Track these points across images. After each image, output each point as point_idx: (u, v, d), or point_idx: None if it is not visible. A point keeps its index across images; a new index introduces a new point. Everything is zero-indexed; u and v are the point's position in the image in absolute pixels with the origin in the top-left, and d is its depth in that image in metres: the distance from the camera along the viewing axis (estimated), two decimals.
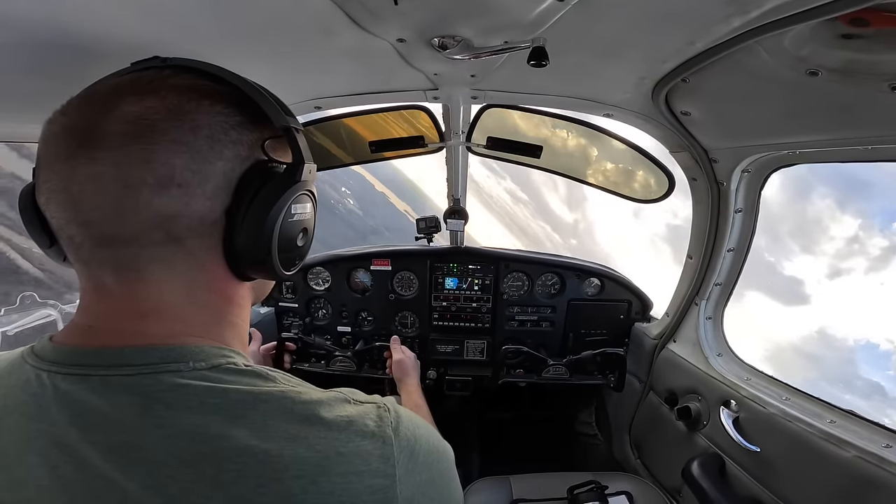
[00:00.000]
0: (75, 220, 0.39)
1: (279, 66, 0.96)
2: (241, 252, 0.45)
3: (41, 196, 0.41)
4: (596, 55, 0.91)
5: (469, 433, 2.31)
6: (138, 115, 0.39)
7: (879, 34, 0.64)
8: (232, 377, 0.40)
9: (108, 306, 0.42)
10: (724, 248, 1.37)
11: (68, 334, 0.43)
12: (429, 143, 1.48)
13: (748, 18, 0.66)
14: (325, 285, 1.97)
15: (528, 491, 1.40)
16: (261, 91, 0.47)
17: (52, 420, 0.37)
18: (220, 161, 0.42)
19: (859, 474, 0.89)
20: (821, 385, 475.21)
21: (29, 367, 0.40)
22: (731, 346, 1.47)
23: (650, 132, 1.30)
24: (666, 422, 1.54)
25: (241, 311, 0.50)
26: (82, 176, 0.38)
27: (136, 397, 0.37)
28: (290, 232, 0.49)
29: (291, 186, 0.47)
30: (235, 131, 0.44)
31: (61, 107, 0.42)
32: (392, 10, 0.69)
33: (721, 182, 1.30)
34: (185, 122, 0.41)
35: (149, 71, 0.45)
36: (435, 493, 0.45)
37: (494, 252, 1.97)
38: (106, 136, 0.38)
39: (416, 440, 0.44)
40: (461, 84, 1.15)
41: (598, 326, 1.94)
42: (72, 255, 0.42)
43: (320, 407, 0.40)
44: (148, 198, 0.39)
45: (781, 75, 0.80)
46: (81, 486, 0.35)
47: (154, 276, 0.42)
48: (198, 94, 0.43)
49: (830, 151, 1.01)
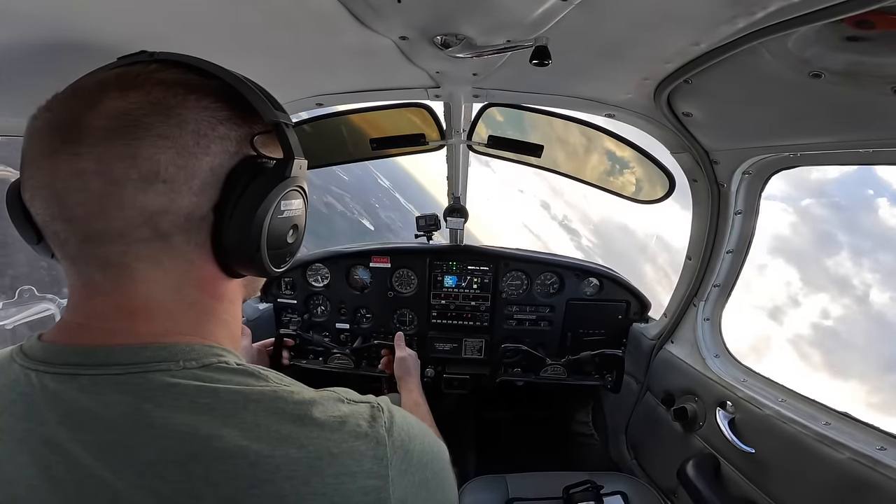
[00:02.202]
0: (60, 217, 0.39)
1: (281, 63, 0.95)
2: (229, 249, 0.44)
3: (26, 192, 0.41)
4: (599, 55, 0.91)
5: (466, 431, 2.32)
6: (122, 110, 0.39)
7: (884, 36, 0.64)
8: (223, 376, 0.40)
9: (96, 304, 0.41)
10: (724, 249, 1.38)
11: (57, 333, 0.42)
12: (430, 141, 1.47)
13: (753, 20, 0.66)
14: (324, 282, 1.96)
15: (523, 490, 1.41)
16: (250, 86, 0.46)
17: (42, 420, 0.37)
18: (206, 156, 0.42)
19: (853, 476, 0.90)
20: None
21: (17, 366, 0.40)
22: (728, 348, 1.47)
23: (651, 133, 1.30)
24: (662, 422, 1.55)
25: (232, 309, 0.50)
26: (66, 172, 0.38)
27: (126, 397, 0.37)
28: (280, 229, 0.48)
29: (281, 182, 0.46)
30: (223, 126, 0.43)
31: (46, 102, 0.41)
32: (395, 8, 0.69)
33: (722, 183, 1.30)
34: (170, 116, 0.40)
35: (135, 65, 0.44)
36: (429, 494, 0.44)
37: (494, 251, 1.97)
38: (89, 132, 0.38)
39: (409, 440, 0.44)
40: (463, 82, 1.15)
41: (597, 326, 1.94)
42: (59, 251, 0.42)
43: (313, 407, 0.40)
44: (133, 194, 0.38)
45: (784, 77, 0.79)
46: (72, 486, 0.35)
47: (142, 273, 0.41)
48: (184, 88, 0.42)
49: (832, 154, 1.01)
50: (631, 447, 1.82)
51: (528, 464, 1.58)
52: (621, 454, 1.87)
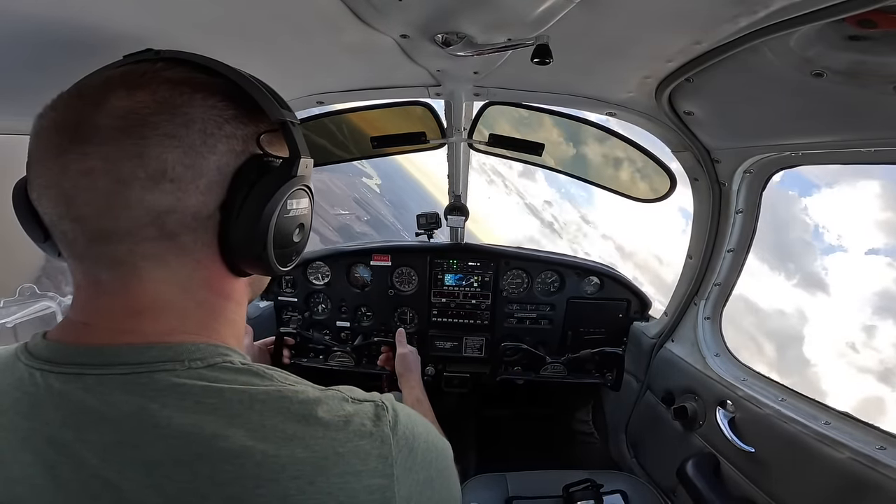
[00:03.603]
0: (68, 216, 0.39)
1: (281, 61, 0.95)
2: (236, 248, 0.44)
3: (33, 192, 0.41)
4: (600, 54, 0.90)
5: (466, 430, 2.32)
6: (129, 109, 0.39)
7: (886, 36, 0.64)
8: (229, 376, 0.40)
9: (102, 303, 0.41)
10: (725, 248, 1.38)
11: (62, 331, 0.42)
12: (430, 139, 1.47)
13: (755, 18, 0.65)
14: (324, 280, 1.96)
15: (523, 488, 1.41)
16: (256, 84, 0.46)
17: (47, 419, 0.37)
18: (213, 155, 0.42)
19: (853, 476, 0.90)
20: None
21: (22, 365, 0.40)
22: (728, 347, 1.47)
23: (653, 131, 1.30)
24: (662, 421, 1.55)
25: (238, 308, 0.50)
26: (74, 171, 0.38)
27: (132, 397, 0.37)
28: (287, 227, 0.48)
29: (287, 181, 0.46)
30: (230, 125, 0.43)
31: (52, 102, 0.41)
32: (396, 6, 0.68)
33: (723, 182, 1.29)
34: (177, 115, 0.40)
35: (141, 64, 0.44)
36: (433, 492, 0.45)
37: (494, 249, 1.97)
38: (97, 131, 0.38)
39: (414, 438, 0.44)
40: (464, 81, 1.14)
41: (597, 325, 1.94)
42: (66, 251, 0.42)
43: (318, 406, 0.40)
44: (140, 193, 0.38)
45: (786, 76, 0.79)
46: (77, 486, 0.35)
47: (148, 272, 0.41)
48: (190, 87, 0.42)
49: (833, 153, 1.01)
50: (631, 446, 1.82)
51: (528, 462, 1.59)
52: (621, 453, 1.87)
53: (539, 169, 1.69)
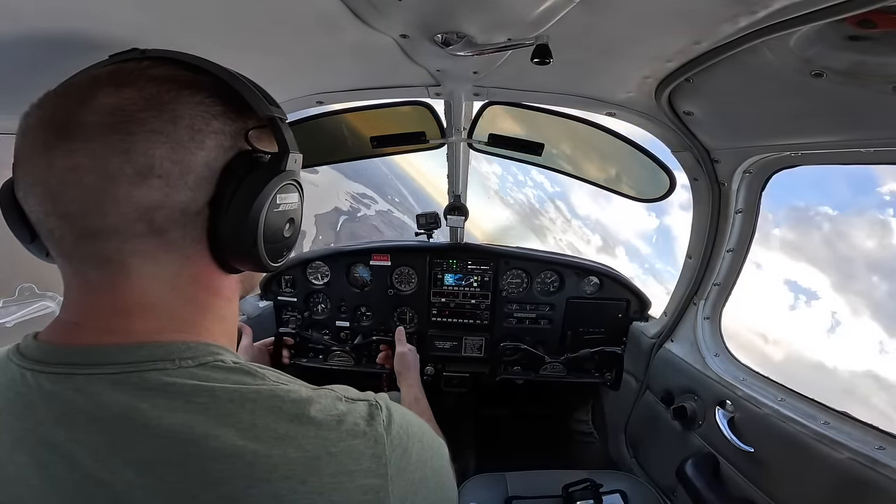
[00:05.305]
0: (54, 214, 0.39)
1: (281, 61, 0.95)
2: (226, 243, 0.44)
3: (19, 190, 0.41)
4: (600, 53, 0.90)
5: (465, 430, 2.32)
6: (116, 105, 0.39)
7: (886, 36, 0.64)
8: (220, 375, 0.40)
9: (91, 302, 0.41)
10: (724, 248, 1.38)
11: (53, 332, 0.42)
12: (430, 139, 1.47)
13: (755, 18, 0.65)
14: (324, 280, 1.97)
15: (523, 488, 1.41)
16: (243, 81, 0.46)
17: (40, 419, 0.37)
18: (201, 151, 0.41)
19: (852, 476, 0.90)
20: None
21: (14, 365, 0.40)
22: (727, 347, 1.47)
23: (652, 131, 1.30)
24: (662, 421, 1.55)
25: (230, 305, 0.49)
26: (60, 168, 0.38)
27: (122, 396, 0.36)
28: (276, 222, 0.48)
29: (276, 176, 0.46)
30: (217, 121, 0.43)
31: (38, 100, 0.41)
32: (395, 6, 0.68)
33: (722, 182, 1.29)
34: (164, 112, 0.40)
35: (128, 63, 0.44)
36: (428, 492, 0.44)
37: (494, 249, 1.97)
38: (83, 128, 0.38)
39: (408, 438, 0.44)
40: (463, 80, 1.14)
41: (597, 325, 1.94)
42: (53, 249, 0.42)
43: (310, 405, 0.40)
44: (128, 189, 0.38)
45: (786, 76, 0.79)
46: (71, 486, 0.35)
47: (137, 269, 0.41)
48: (177, 84, 0.42)
49: (832, 153, 1.01)
50: (630, 446, 1.82)
51: (527, 462, 1.59)
52: (621, 453, 1.87)
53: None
